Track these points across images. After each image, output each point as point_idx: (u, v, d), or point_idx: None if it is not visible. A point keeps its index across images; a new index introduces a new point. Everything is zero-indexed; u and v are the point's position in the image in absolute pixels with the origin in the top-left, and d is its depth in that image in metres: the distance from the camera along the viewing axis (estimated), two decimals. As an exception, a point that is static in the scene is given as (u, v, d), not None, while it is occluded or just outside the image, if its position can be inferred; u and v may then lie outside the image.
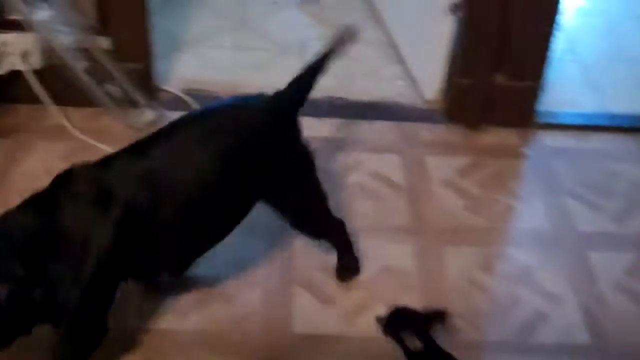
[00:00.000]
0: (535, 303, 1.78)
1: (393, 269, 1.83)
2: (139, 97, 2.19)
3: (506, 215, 2.03)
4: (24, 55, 2.11)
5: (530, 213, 2.03)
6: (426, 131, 2.25)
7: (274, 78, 2.42)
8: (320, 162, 2.09)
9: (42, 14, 2.07)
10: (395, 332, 1.54)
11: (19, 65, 2.12)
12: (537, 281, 1.84)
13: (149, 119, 2.19)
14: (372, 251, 1.86)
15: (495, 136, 2.25)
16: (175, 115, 2.19)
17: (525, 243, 1.95)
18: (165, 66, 2.39)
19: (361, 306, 1.74)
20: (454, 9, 2.15)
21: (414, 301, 1.75)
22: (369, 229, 1.93)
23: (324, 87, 2.37)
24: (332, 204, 1.96)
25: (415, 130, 2.25)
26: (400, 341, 1.53)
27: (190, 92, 2.31)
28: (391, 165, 2.12)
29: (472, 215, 1.99)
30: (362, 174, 2.09)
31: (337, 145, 2.17)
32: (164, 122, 2.16)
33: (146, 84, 2.23)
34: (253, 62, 2.49)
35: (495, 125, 2.27)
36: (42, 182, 1.94)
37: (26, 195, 1.90)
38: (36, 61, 2.13)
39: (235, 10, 2.74)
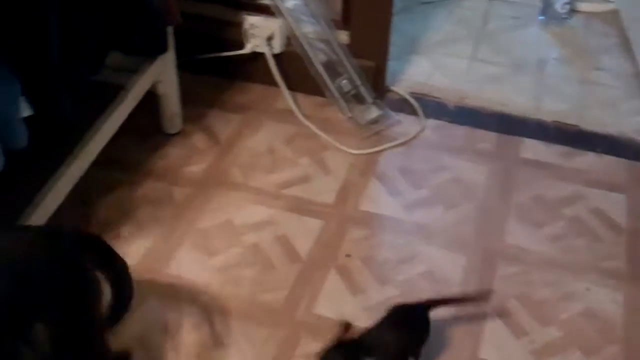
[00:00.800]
0: None
1: (597, 314, 1.71)
2: (367, 94, 2.22)
3: None
4: (268, 39, 2.21)
5: None
6: (661, 175, 2.08)
7: (504, 93, 2.37)
8: (539, 188, 2.02)
9: (290, 2, 2.17)
10: None
11: (262, 48, 2.23)
12: None
13: (372, 116, 2.21)
14: (577, 291, 1.75)
15: None
16: (400, 117, 2.23)
17: None
18: (397, 67, 2.40)
19: (555, 346, 1.64)
20: None
21: (615, 354, 1.63)
22: (576, 266, 1.82)
23: (555, 111, 2.28)
24: (541, 235, 1.89)
25: (649, 172, 2.09)
26: None
27: (417, 96, 2.30)
28: (615, 205, 1.97)
29: (698, 275, 1.81)
30: (582, 208, 1.97)
31: (560, 173, 2.07)
32: (386, 122, 2.20)
33: (376, 82, 2.26)
34: (486, 74, 2.44)
35: None
36: (263, 159, 2.06)
37: (245, 169, 2.02)
38: (277, 46, 2.22)
39: (478, 22, 2.69)
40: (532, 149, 2.15)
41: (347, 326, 1.50)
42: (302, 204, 1.94)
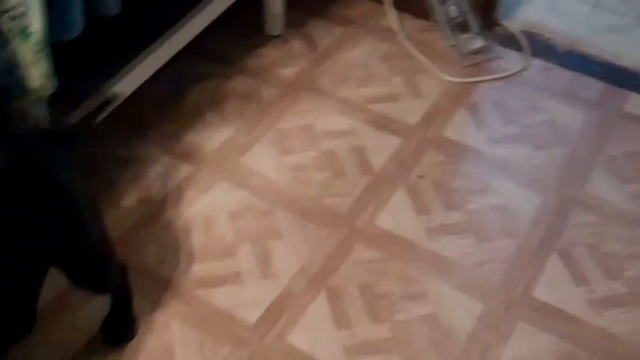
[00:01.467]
0: None
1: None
2: (474, 24, 2.16)
3: None
4: (384, -44, 2.18)
5: None
6: None
7: (621, 45, 2.24)
8: (635, 145, 1.92)
9: None
10: None
11: (376, -37, 2.20)
12: None
13: (476, 47, 2.14)
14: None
15: None
16: (505, 52, 2.16)
17: None
18: (512, 2, 2.32)
19: (615, 300, 1.57)
20: None
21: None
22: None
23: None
24: (625, 191, 1.80)
25: None
26: None
27: (527, 34, 2.22)
28: None
29: None
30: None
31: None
32: (489, 54, 2.14)
33: (486, 13, 2.19)
34: (605, 23, 2.31)
35: None
36: (356, 72, 2.05)
37: (337, 79, 2.02)
38: (391, -38, 2.19)
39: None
40: (639, 104, 2.04)
41: None
42: (385, 121, 1.93)
